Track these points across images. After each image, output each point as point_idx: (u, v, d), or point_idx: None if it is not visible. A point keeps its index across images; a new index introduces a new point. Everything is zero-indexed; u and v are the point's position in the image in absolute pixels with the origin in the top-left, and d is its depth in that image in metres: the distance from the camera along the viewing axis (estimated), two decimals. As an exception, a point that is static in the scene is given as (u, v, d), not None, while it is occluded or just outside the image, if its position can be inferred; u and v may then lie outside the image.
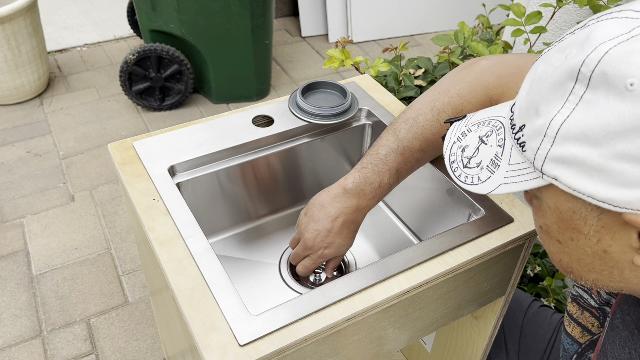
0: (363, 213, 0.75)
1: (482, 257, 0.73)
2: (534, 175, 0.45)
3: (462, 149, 0.54)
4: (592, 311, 0.66)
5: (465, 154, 0.54)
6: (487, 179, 0.50)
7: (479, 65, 0.75)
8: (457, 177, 0.54)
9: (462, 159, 0.54)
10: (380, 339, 0.73)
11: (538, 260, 1.42)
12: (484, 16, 1.33)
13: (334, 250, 0.76)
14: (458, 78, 0.75)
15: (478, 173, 0.51)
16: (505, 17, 1.27)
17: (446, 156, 0.56)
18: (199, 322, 0.62)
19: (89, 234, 1.73)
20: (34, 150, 2.04)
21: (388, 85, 1.18)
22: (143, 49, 2.05)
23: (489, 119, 0.54)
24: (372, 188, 0.74)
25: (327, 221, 0.74)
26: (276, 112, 0.94)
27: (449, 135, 0.58)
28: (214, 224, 0.95)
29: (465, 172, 0.53)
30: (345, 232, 0.75)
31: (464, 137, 0.55)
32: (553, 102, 0.41)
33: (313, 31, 2.81)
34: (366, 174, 0.74)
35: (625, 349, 0.56)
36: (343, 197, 0.74)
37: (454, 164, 0.55)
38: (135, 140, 0.87)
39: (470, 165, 0.53)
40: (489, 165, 0.50)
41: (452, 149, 0.56)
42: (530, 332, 0.96)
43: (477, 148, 0.53)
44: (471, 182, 0.52)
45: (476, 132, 0.54)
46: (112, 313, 1.51)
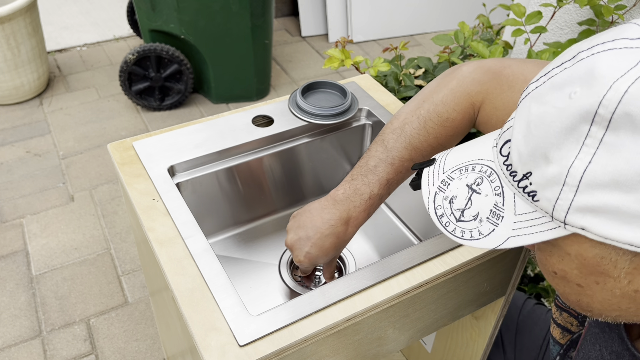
0: (352, 226, 0.72)
1: (482, 258, 0.73)
2: (551, 225, 0.41)
3: (449, 201, 0.49)
4: (570, 311, 0.66)
5: (455, 206, 0.48)
6: (490, 232, 0.46)
7: (460, 72, 0.74)
8: (451, 232, 0.48)
9: (452, 212, 0.48)
10: (380, 339, 0.73)
11: (538, 260, 1.42)
12: (484, 16, 1.33)
13: (309, 260, 0.73)
14: (441, 85, 0.75)
15: (477, 227, 0.46)
16: (506, 16, 1.26)
17: (431, 209, 0.50)
18: (198, 322, 0.62)
19: (88, 234, 1.73)
20: (34, 150, 2.04)
21: (388, 85, 1.18)
22: (143, 49, 2.05)
23: (471, 164, 0.49)
24: (362, 200, 0.72)
25: (311, 230, 0.72)
26: (276, 112, 0.94)
27: (425, 184, 0.52)
28: (214, 224, 0.95)
29: (461, 227, 0.48)
30: (327, 245, 0.72)
31: (446, 187, 0.50)
32: (566, 147, 0.38)
33: (313, 31, 2.81)
34: (356, 185, 0.72)
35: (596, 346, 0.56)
36: (333, 208, 0.72)
37: (443, 218, 0.49)
38: (135, 140, 0.87)
39: (464, 219, 0.47)
40: (489, 217, 0.46)
41: (437, 201, 0.50)
42: (526, 330, 0.96)
43: (468, 198, 0.48)
44: (470, 237, 0.47)
45: (460, 179, 0.49)
46: (111, 313, 1.51)
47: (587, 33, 1.11)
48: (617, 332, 0.53)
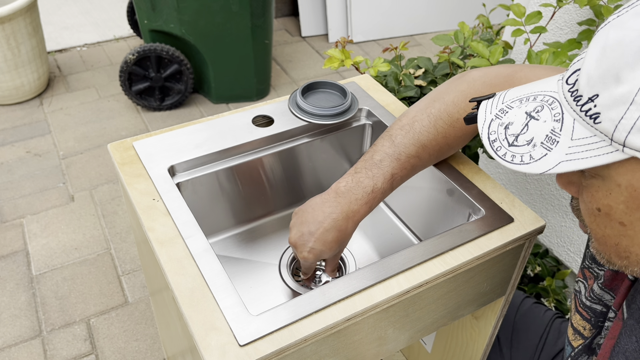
0: (353, 220, 0.72)
1: (482, 257, 0.73)
2: (608, 150, 0.41)
3: (504, 127, 0.49)
4: (583, 313, 0.66)
5: (510, 131, 0.49)
6: (542, 157, 0.46)
7: (471, 75, 0.75)
8: (501, 156, 0.49)
9: (506, 137, 0.49)
10: (380, 339, 0.73)
11: (538, 260, 1.42)
12: (484, 16, 1.33)
13: (314, 255, 0.73)
14: (451, 87, 0.76)
15: (529, 151, 0.46)
16: (506, 17, 1.26)
17: (484, 135, 0.51)
18: (198, 322, 0.62)
19: (88, 234, 1.73)
20: (34, 150, 2.04)
21: (388, 85, 1.18)
22: (143, 49, 2.05)
23: (533, 95, 0.49)
24: (364, 192, 0.71)
25: (313, 225, 0.72)
26: (276, 112, 0.94)
27: (482, 112, 0.53)
28: (214, 224, 0.95)
29: (512, 151, 0.48)
30: (329, 239, 0.72)
31: (504, 115, 0.50)
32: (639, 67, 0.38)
33: (313, 31, 2.81)
34: (359, 178, 0.72)
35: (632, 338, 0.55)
36: (334, 201, 0.72)
37: (495, 143, 0.49)
38: (135, 140, 0.87)
39: (518, 144, 0.47)
40: (543, 142, 0.46)
41: (492, 127, 0.50)
42: (523, 329, 0.96)
43: (525, 124, 0.48)
44: (520, 161, 0.47)
45: (520, 108, 0.49)
46: (111, 313, 1.51)
47: (587, 33, 1.11)
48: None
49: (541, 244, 1.47)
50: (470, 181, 0.83)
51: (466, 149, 1.11)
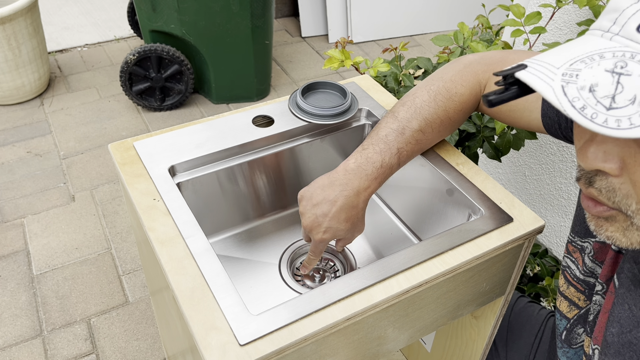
0: (364, 196, 0.74)
1: (481, 257, 0.73)
2: None
3: (589, 90, 0.39)
4: (577, 286, 0.67)
5: (599, 93, 0.39)
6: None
7: (467, 58, 0.79)
8: (601, 124, 0.38)
9: (598, 101, 0.39)
10: (380, 339, 0.73)
11: (537, 260, 1.42)
12: (483, 16, 1.33)
13: (330, 234, 0.75)
14: (448, 69, 0.79)
15: (638, 110, 0.37)
16: (505, 17, 1.27)
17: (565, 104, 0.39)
18: (199, 321, 0.62)
19: (89, 234, 1.73)
20: (35, 150, 2.04)
21: (388, 86, 1.18)
22: (143, 49, 2.06)
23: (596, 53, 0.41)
24: (374, 168, 0.73)
25: (326, 205, 0.73)
26: (276, 112, 0.94)
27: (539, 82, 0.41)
28: (214, 224, 0.95)
29: (615, 115, 0.38)
30: (343, 216, 0.74)
31: (575, 78, 0.40)
32: None
33: (313, 31, 2.81)
34: (367, 154, 0.74)
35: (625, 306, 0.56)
36: (344, 179, 0.73)
37: (586, 110, 0.39)
38: (135, 141, 0.87)
39: (617, 105, 0.38)
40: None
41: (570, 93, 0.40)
42: (517, 327, 0.96)
43: (616, 82, 0.39)
44: (630, 124, 0.37)
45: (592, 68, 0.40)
46: (112, 313, 1.52)
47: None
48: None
49: (540, 244, 1.47)
50: (469, 181, 0.83)
51: (466, 149, 1.11)
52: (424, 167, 0.88)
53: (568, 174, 1.32)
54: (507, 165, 1.50)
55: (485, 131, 1.09)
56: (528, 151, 1.41)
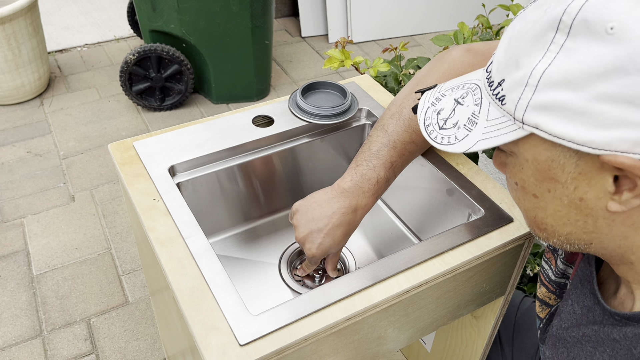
0: (361, 214, 0.75)
1: (481, 257, 0.73)
2: (513, 128, 0.46)
3: (437, 112, 0.55)
4: (549, 286, 0.68)
5: (440, 116, 0.55)
6: (464, 137, 0.51)
7: (450, 56, 0.79)
8: (432, 139, 0.55)
9: (437, 122, 0.55)
10: (380, 339, 0.73)
11: (538, 260, 1.42)
12: (483, 16, 1.33)
13: (322, 251, 0.75)
14: (432, 70, 0.79)
15: (455, 133, 0.52)
16: (505, 17, 1.27)
17: (421, 121, 0.57)
18: (199, 322, 0.62)
19: (89, 234, 1.73)
20: (35, 150, 2.04)
21: (388, 86, 1.18)
22: (143, 49, 2.06)
23: (462, 84, 0.55)
24: (370, 184, 0.74)
25: (321, 222, 0.73)
26: (276, 112, 0.94)
27: (422, 102, 0.59)
28: (214, 224, 0.95)
29: (442, 134, 0.54)
30: (338, 234, 0.74)
31: (438, 102, 0.56)
32: (534, 53, 0.43)
33: (313, 31, 2.81)
34: (362, 171, 0.74)
35: (569, 301, 0.59)
36: (341, 197, 0.74)
37: (429, 127, 0.55)
38: (135, 141, 0.87)
39: (446, 127, 0.54)
40: (466, 124, 0.51)
41: (427, 114, 0.57)
42: (524, 328, 0.96)
43: (453, 110, 0.54)
44: (447, 142, 0.53)
45: (451, 95, 0.55)
46: (112, 313, 1.52)
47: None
48: (589, 288, 0.56)
49: (540, 244, 1.47)
50: (470, 181, 0.83)
51: (466, 149, 1.11)
52: (424, 167, 0.88)
53: (568, 174, 1.32)
54: (507, 165, 1.50)
55: (485, 131, 1.09)
56: (528, 151, 1.40)
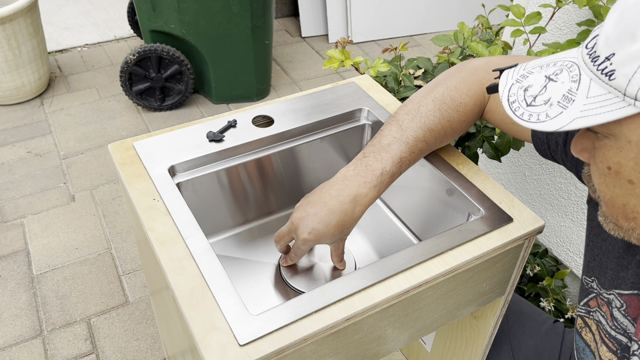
0: (362, 204, 0.71)
1: (481, 257, 0.73)
2: (620, 105, 0.44)
3: (524, 89, 0.52)
4: (609, 344, 0.64)
5: (528, 93, 0.51)
6: (557, 115, 0.48)
7: (471, 64, 0.78)
8: (518, 116, 0.51)
9: (524, 98, 0.51)
10: (380, 339, 0.73)
11: (537, 260, 1.42)
12: (483, 16, 1.33)
13: (314, 237, 0.71)
14: (452, 75, 0.78)
15: (546, 110, 0.49)
16: (505, 17, 1.27)
17: (504, 98, 0.53)
18: (199, 322, 0.62)
19: (89, 233, 1.73)
20: (35, 150, 2.04)
21: (388, 86, 1.18)
22: (143, 49, 2.06)
23: (552, 61, 0.52)
24: (373, 175, 0.71)
25: (319, 206, 0.71)
26: (276, 112, 0.94)
27: (504, 80, 0.55)
28: (214, 224, 0.95)
29: (529, 110, 0.50)
30: (333, 222, 0.70)
31: (524, 79, 0.53)
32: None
33: (313, 31, 2.81)
34: (367, 162, 0.72)
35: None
36: (342, 184, 0.71)
37: (514, 104, 0.52)
38: (135, 141, 0.87)
39: (535, 104, 0.50)
40: (560, 102, 0.48)
41: (512, 90, 0.53)
42: (524, 328, 0.96)
43: (544, 86, 0.50)
44: (537, 119, 0.49)
45: (540, 72, 0.52)
46: (112, 313, 1.52)
47: (586, 34, 1.11)
48: None
49: (540, 244, 1.47)
50: (469, 181, 0.83)
51: (466, 149, 1.11)
52: (424, 167, 0.88)
53: (568, 174, 1.32)
54: (507, 165, 1.50)
55: (485, 131, 1.09)
56: (528, 151, 1.41)
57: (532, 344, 0.94)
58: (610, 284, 0.64)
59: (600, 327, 0.65)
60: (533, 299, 1.41)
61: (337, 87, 1.01)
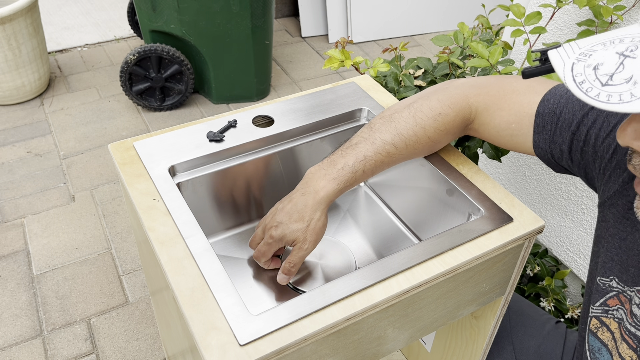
0: (320, 195, 0.72)
1: (481, 257, 0.73)
2: None
3: (593, 68, 0.46)
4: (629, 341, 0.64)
5: (600, 71, 0.45)
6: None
7: (458, 81, 0.78)
8: (594, 97, 0.44)
9: (597, 78, 0.45)
10: (380, 339, 0.73)
11: (537, 260, 1.42)
12: (483, 16, 1.33)
13: (280, 231, 0.73)
14: (438, 88, 0.79)
15: (629, 89, 0.43)
16: (505, 17, 1.27)
17: (568, 78, 0.46)
18: (199, 322, 0.62)
19: (89, 233, 1.73)
20: (35, 150, 2.04)
21: (388, 86, 1.18)
22: (143, 49, 2.06)
23: (618, 38, 0.47)
24: (334, 169, 0.73)
25: (285, 201, 0.74)
26: (276, 112, 0.94)
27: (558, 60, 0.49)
28: (214, 224, 0.95)
29: (607, 90, 0.44)
30: (295, 215, 0.72)
31: (587, 57, 0.47)
32: None
33: (313, 31, 2.81)
34: (333, 158, 0.75)
35: None
36: (306, 179, 0.74)
37: (584, 84, 0.45)
38: (135, 141, 0.87)
39: (613, 83, 0.44)
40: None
41: (576, 69, 0.46)
42: (524, 327, 0.96)
43: (620, 64, 0.45)
44: (619, 100, 0.43)
45: (606, 50, 0.46)
46: (112, 313, 1.52)
47: (586, 34, 1.11)
48: None
49: (540, 244, 1.47)
50: (469, 181, 0.83)
51: (466, 149, 1.11)
52: (424, 167, 0.88)
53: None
54: (507, 165, 1.50)
55: (485, 131, 1.09)
56: (528, 151, 1.41)
57: (534, 344, 0.94)
58: (633, 281, 0.64)
59: (622, 325, 0.65)
60: (533, 299, 1.41)
61: (337, 87, 1.01)
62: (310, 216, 0.73)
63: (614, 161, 0.65)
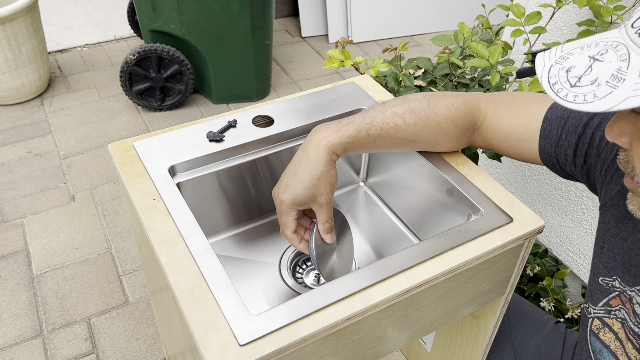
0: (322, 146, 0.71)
1: (481, 257, 0.73)
2: None
3: (566, 70, 0.50)
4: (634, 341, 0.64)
5: (572, 74, 0.49)
6: (606, 95, 0.46)
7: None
8: (562, 97, 0.48)
9: (567, 79, 0.49)
10: (380, 339, 0.73)
11: (537, 260, 1.42)
12: (483, 16, 1.33)
13: (288, 193, 0.71)
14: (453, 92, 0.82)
15: (593, 90, 0.46)
16: (505, 17, 1.27)
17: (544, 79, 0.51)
18: (199, 322, 0.62)
19: (89, 233, 1.73)
20: (35, 150, 2.04)
21: (388, 86, 1.18)
22: (143, 49, 2.06)
23: (594, 42, 0.50)
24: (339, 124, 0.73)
25: (291, 166, 0.73)
26: (276, 112, 0.94)
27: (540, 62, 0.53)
28: (214, 224, 0.95)
29: (575, 91, 0.48)
30: (299, 172, 0.71)
31: (564, 60, 0.51)
32: None
33: (313, 31, 2.81)
34: (340, 120, 0.75)
35: None
36: (308, 136, 0.74)
37: (556, 85, 0.49)
38: (135, 141, 0.87)
39: (580, 84, 0.48)
40: (608, 81, 0.46)
41: (552, 72, 0.51)
42: (524, 327, 0.96)
43: (589, 67, 0.48)
44: (583, 100, 0.47)
45: (582, 53, 0.50)
46: (112, 313, 1.52)
47: (586, 33, 1.11)
48: None
49: (540, 244, 1.47)
50: (469, 181, 0.83)
51: (466, 149, 1.11)
52: (424, 167, 0.88)
53: (568, 174, 1.32)
54: (507, 165, 1.50)
55: (485, 131, 1.09)
56: (528, 151, 1.41)
57: (534, 344, 0.94)
58: (634, 280, 0.65)
59: (625, 325, 0.65)
60: (533, 299, 1.41)
61: (337, 87, 1.01)
62: (315, 167, 0.71)
63: (615, 163, 0.66)
